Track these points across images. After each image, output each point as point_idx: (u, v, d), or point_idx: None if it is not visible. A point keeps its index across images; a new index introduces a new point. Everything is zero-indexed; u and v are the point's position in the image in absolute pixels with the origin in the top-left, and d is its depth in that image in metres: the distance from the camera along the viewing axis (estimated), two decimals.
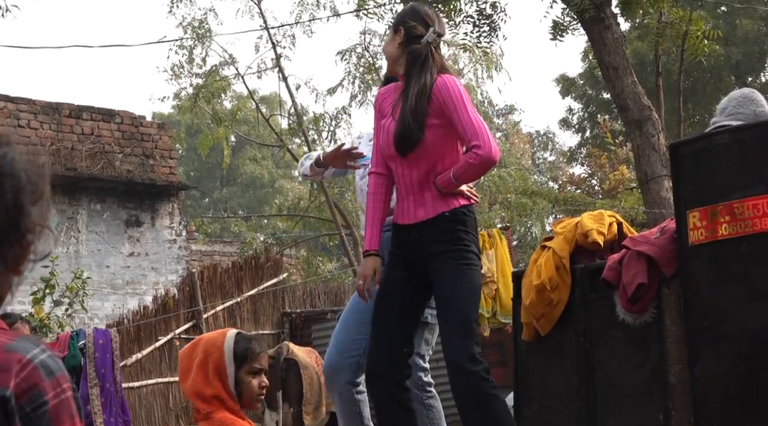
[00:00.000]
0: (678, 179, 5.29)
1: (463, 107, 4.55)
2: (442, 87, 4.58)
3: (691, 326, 5.06)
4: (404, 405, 4.75)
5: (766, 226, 4.77)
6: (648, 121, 10.79)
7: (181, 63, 22.26)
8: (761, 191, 4.79)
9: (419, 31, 4.72)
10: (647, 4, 11.76)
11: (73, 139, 16.14)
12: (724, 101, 5.52)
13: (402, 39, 4.74)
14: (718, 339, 4.90)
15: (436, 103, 4.58)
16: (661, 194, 10.40)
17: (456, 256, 4.58)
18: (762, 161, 4.87)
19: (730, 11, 27.56)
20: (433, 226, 4.63)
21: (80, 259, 15.68)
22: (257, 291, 13.79)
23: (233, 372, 3.90)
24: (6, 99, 15.75)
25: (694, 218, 5.03)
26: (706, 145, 5.21)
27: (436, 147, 4.60)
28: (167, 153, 17.30)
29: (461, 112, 4.53)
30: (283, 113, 23.43)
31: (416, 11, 4.82)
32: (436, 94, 4.58)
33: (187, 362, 3.97)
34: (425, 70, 4.65)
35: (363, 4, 17.98)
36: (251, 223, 32.60)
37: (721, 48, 20.70)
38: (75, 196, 16.13)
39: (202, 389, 3.88)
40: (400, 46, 4.74)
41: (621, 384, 5.02)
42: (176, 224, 17.20)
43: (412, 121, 4.58)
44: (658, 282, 5.23)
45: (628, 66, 11.06)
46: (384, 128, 4.73)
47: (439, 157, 4.61)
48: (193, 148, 32.08)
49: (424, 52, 4.69)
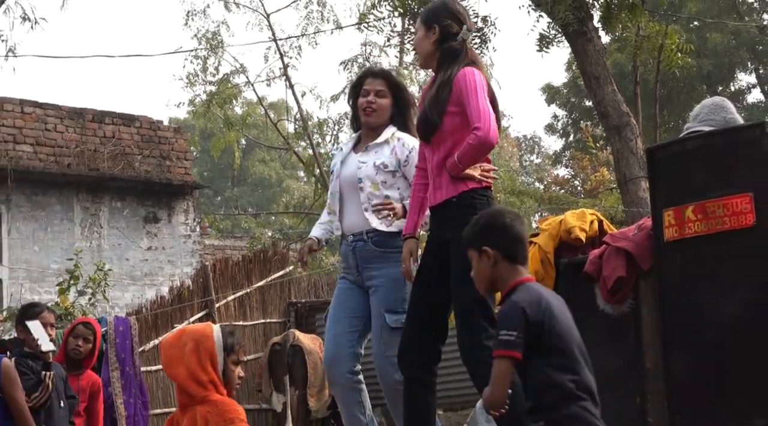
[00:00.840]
0: (654, 180, 5.29)
1: (474, 94, 4.46)
2: (461, 77, 4.51)
3: (665, 317, 5.05)
4: (428, 386, 4.68)
5: (735, 224, 4.77)
6: (627, 127, 10.78)
7: (195, 71, 22.29)
8: (731, 192, 4.79)
9: (454, 29, 4.65)
10: (626, 18, 11.74)
11: (96, 142, 16.12)
12: (697, 108, 5.52)
13: (437, 36, 4.65)
14: (691, 329, 4.89)
15: (455, 92, 4.51)
16: (638, 194, 10.39)
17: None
18: (732, 164, 4.86)
19: (701, 26, 27.53)
20: (444, 210, 4.55)
21: (102, 253, 15.66)
22: (265, 282, 13.76)
23: (222, 360, 3.91)
24: (35, 104, 15.73)
25: (669, 217, 5.02)
26: (680, 149, 5.21)
27: (454, 133, 4.52)
28: (183, 155, 17.28)
29: (471, 98, 4.46)
30: (290, 118, 23.45)
31: (449, 9, 4.71)
32: (456, 83, 4.52)
33: (176, 351, 3.92)
34: (456, 63, 4.58)
35: (364, 18, 17.97)
36: (260, 219, 32.61)
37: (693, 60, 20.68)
38: (98, 195, 16.12)
39: (198, 374, 3.86)
40: (434, 43, 4.66)
41: (601, 370, 5.00)
42: (191, 221, 17.18)
43: (431, 109, 4.55)
44: (636, 275, 5.23)
45: (608, 76, 11.05)
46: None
47: (456, 143, 4.52)
48: (206, 150, 32.01)
49: (459, 49, 4.64)
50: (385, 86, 5.15)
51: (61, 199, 15.72)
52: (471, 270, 3.76)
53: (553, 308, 3.51)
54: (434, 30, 4.66)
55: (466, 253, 3.71)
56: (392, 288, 4.94)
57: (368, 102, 5.13)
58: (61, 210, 15.72)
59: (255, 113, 27.10)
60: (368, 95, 5.13)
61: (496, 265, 3.60)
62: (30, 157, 15.40)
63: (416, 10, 12.40)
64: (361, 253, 5.03)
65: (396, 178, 5.05)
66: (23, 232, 15.27)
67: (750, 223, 4.71)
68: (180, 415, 3.93)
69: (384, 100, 5.14)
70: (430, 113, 4.56)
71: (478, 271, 3.67)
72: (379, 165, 5.05)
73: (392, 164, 5.05)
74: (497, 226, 3.65)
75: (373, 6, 15.80)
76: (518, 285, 3.57)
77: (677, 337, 4.97)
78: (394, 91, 5.17)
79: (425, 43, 4.69)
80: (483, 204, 4.46)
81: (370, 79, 5.15)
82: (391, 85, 5.17)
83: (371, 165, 5.06)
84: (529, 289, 3.57)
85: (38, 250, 15.34)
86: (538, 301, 3.50)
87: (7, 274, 14.93)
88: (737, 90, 30.73)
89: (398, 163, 5.05)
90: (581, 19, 10.76)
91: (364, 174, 5.07)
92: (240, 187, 41.78)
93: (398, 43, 17.22)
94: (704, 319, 4.85)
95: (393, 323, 4.89)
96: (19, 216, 15.25)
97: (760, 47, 29.88)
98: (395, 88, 5.18)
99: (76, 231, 15.80)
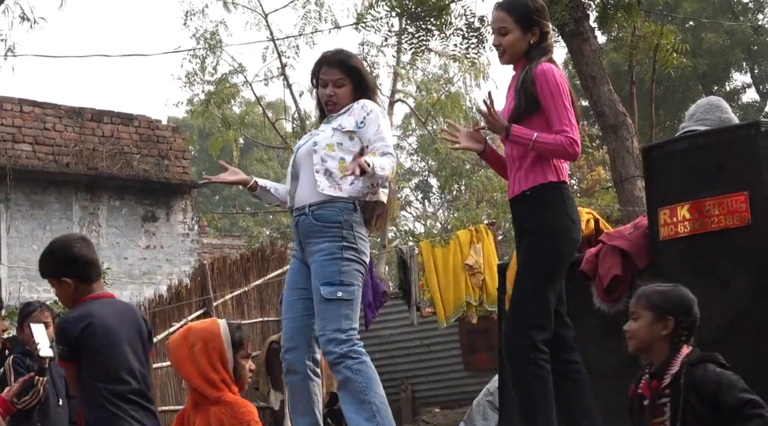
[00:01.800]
0: (650, 179, 5.29)
1: (559, 98, 4.46)
2: (540, 74, 4.48)
3: None
4: (562, 374, 4.55)
5: (730, 222, 4.78)
6: (623, 126, 10.78)
7: (194, 71, 22.26)
8: (726, 191, 4.80)
9: (548, 30, 4.63)
10: (622, 19, 11.75)
11: (95, 141, 16.11)
12: (692, 108, 5.52)
13: (537, 39, 4.59)
14: None
15: (539, 87, 4.47)
16: (634, 193, 10.39)
17: (531, 232, 4.49)
18: (727, 163, 4.87)
19: (697, 26, 27.54)
20: (519, 203, 4.56)
21: (101, 251, 15.62)
22: (263, 281, 13.76)
23: (232, 357, 3.87)
24: (34, 104, 15.73)
25: (665, 215, 5.03)
26: (675, 148, 5.21)
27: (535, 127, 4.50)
28: (181, 154, 17.27)
29: (557, 101, 4.46)
30: (288, 118, 23.45)
31: (545, 11, 4.67)
32: (538, 80, 4.47)
33: (184, 351, 3.87)
34: (540, 58, 4.56)
35: (361, 18, 17.97)
36: (258, 218, 32.60)
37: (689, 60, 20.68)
38: (96, 194, 16.11)
39: (209, 374, 3.81)
40: (531, 44, 4.59)
41: (598, 367, 5.02)
42: (189, 219, 17.18)
43: (518, 100, 4.53)
44: (632, 274, 5.24)
45: (604, 75, 11.06)
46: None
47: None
48: (204, 149, 32.00)
49: (548, 48, 4.62)
50: (342, 74, 4.95)
51: (59, 197, 15.72)
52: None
53: (95, 326, 4.12)
54: (534, 33, 4.59)
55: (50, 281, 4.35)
56: (328, 261, 4.70)
57: (328, 95, 4.96)
58: (60, 209, 15.72)
59: (253, 113, 27.10)
60: (327, 87, 4.95)
61: (75, 290, 4.24)
62: (29, 156, 15.39)
63: (413, 10, 12.41)
64: (303, 227, 4.81)
65: (353, 142, 4.81)
66: (22, 231, 15.26)
67: (745, 222, 4.72)
68: (192, 413, 3.88)
69: (343, 90, 4.95)
70: (517, 101, 4.51)
71: (60, 296, 4.33)
72: (336, 127, 4.85)
73: (350, 124, 4.84)
74: (69, 257, 4.26)
75: (370, 6, 15.81)
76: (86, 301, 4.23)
77: None
78: (351, 76, 4.96)
79: (522, 43, 4.59)
80: (556, 196, 4.44)
81: (325, 69, 4.98)
82: (348, 70, 4.97)
83: (329, 129, 4.88)
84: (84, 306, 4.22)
85: (37, 249, 15.30)
86: (81, 317, 4.14)
87: (6, 273, 14.92)
88: (732, 90, 30.75)
89: (356, 123, 4.84)
90: (577, 19, 10.77)
91: (320, 138, 4.88)
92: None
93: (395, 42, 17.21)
94: (700, 317, 4.86)
95: (328, 295, 4.66)
96: (17, 215, 15.24)
97: (754, 47, 29.90)
98: (352, 73, 4.97)
99: (75, 230, 15.77)
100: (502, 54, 4.66)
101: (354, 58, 5.10)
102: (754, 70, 30.73)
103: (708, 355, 3.81)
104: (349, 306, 4.69)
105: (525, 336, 4.37)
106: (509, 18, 4.60)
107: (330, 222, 4.74)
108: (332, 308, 4.65)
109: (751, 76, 30.96)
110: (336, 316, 4.65)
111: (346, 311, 4.68)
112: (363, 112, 4.87)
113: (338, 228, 4.71)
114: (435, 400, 14.44)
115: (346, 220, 4.73)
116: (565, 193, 4.51)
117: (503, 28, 4.61)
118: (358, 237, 4.75)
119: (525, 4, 4.62)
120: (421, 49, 13.17)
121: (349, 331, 4.67)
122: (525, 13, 4.59)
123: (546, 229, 4.44)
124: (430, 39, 12.76)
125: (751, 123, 4.94)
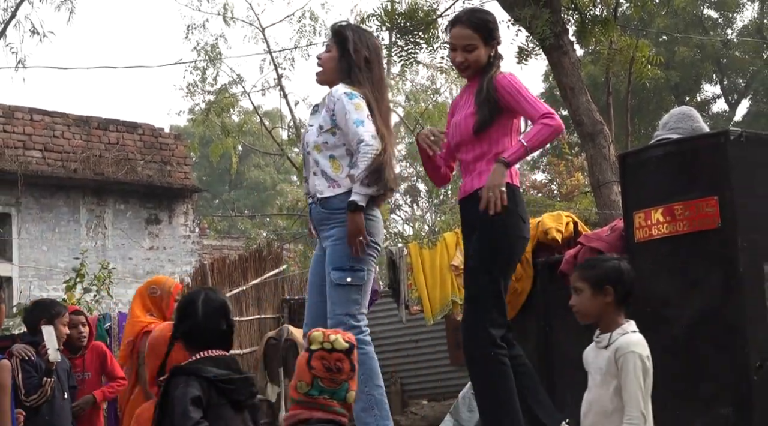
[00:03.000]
0: (626, 185, 5.30)
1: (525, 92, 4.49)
2: (502, 80, 4.49)
3: (635, 311, 5.06)
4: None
5: (701, 225, 4.78)
6: (600, 135, 10.79)
7: (195, 82, 22.28)
8: (697, 195, 4.81)
9: (500, 41, 4.62)
10: (599, 33, 11.75)
11: (101, 148, 16.09)
12: (666, 117, 5.53)
13: (493, 53, 4.57)
14: (659, 322, 4.91)
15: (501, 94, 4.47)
16: (611, 197, 10.39)
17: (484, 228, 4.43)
18: (698, 169, 4.88)
19: (670, 40, 27.60)
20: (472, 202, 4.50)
21: (107, 252, 15.62)
22: (260, 280, 13.73)
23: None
24: (43, 113, 15.71)
25: (640, 218, 5.04)
26: (650, 155, 5.22)
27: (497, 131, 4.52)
28: (182, 160, 17.25)
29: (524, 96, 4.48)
30: (284, 126, 23.44)
31: (496, 27, 4.64)
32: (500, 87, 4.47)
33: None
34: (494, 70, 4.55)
35: None
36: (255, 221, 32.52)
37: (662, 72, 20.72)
38: (102, 198, 16.09)
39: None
40: (490, 57, 4.57)
41: (576, 362, 5.02)
42: (190, 222, 17.16)
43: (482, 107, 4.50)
44: None
45: (582, 87, 11.06)
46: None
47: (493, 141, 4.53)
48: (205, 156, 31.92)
49: (502, 58, 4.62)
50: (332, 41, 4.82)
51: (68, 201, 15.69)
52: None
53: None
54: (494, 47, 4.56)
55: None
56: (337, 247, 4.61)
57: (317, 58, 4.87)
58: (68, 212, 15.69)
59: (251, 121, 27.07)
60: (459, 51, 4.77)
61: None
62: (39, 162, 15.36)
63: (402, 24, 12.40)
64: (315, 216, 4.76)
65: (336, 136, 4.70)
66: (32, 233, 15.22)
67: (715, 225, 4.73)
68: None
69: (327, 54, 4.81)
70: (481, 111, 4.46)
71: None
72: (318, 127, 4.75)
73: (326, 122, 4.72)
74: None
75: (362, 20, 15.83)
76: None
77: (646, 329, 4.98)
78: (338, 43, 4.78)
79: (485, 58, 4.56)
80: (509, 196, 4.33)
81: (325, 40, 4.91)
82: (338, 38, 4.80)
83: (316, 127, 4.77)
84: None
85: (46, 250, 15.30)
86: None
87: (17, 273, 14.88)
88: (703, 100, 30.80)
89: (330, 120, 4.70)
90: (557, 33, 10.77)
91: (309, 138, 4.81)
92: (237, 191, 41.68)
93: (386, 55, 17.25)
94: (673, 314, 4.87)
95: (337, 280, 4.58)
96: (28, 218, 15.21)
97: (724, 60, 29.97)
98: (340, 41, 4.79)
99: (82, 232, 15.76)
100: (465, 69, 4.60)
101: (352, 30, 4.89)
102: (723, 82, 30.80)
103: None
104: (357, 291, 4.60)
105: (483, 332, 4.31)
106: (476, 35, 4.54)
107: (337, 208, 4.64)
108: (341, 293, 4.58)
109: (721, 87, 31.04)
110: (344, 301, 4.57)
111: (355, 296, 4.59)
112: (331, 104, 4.71)
113: (343, 214, 4.60)
114: (423, 392, 14.42)
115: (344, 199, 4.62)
116: (518, 194, 4.48)
117: (470, 46, 4.54)
118: (367, 218, 4.61)
119: (488, 20, 4.60)
120: (410, 61, 13.14)
121: (357, 316, 4.60)
122: (490, 30, 4.57)
123: (499, 226, 4.35)
124: (418, 52, 12.73)
125: (721, 132, 4.95)
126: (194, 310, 3.66)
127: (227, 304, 3.78)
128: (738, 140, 4.79)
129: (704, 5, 29.26)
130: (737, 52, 29.75)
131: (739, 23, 30.36)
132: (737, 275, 4.67)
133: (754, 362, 4.58)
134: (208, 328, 3.63)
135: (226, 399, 3.50)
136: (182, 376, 3.50)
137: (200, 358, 3.61)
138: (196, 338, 3.63)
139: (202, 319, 3.63)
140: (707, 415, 4.67)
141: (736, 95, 30.90)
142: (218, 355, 3.60)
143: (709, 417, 4.66)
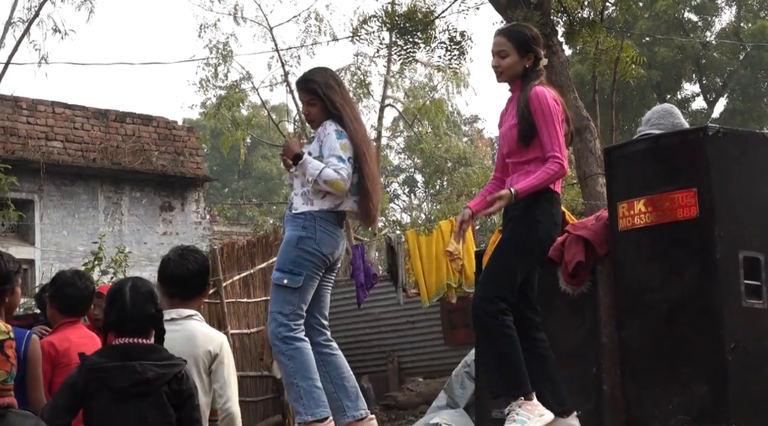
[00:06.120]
0: (610, 177, 5.29)
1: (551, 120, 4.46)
2: (534, 98, 4.45)
3: (619, 296, 5.06)
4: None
5: (680, 215, 4.78)
6: (586, 130, 10.77)
7: (207, 78, 22.18)
8: (677, 187, 4.81)
9: (542, 56, 4.59)
10: (586, 34, 11.72)
11: (118, 139, 16.08)
12: (648, 114, 5.52)
13: (530, 64, 4.55)
14: (642, 307, 4.91)
15: (533, 109, 4.44)
16: (596, 189, 10.38)
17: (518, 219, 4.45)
18: (678, 163, 4.87)
19: (652, 41, 27.55)
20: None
21: (123, 237, 15.62)
22: (267, 264, 13.72)
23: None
24: (65, 106, 15.71)
25: (623, 208, 5.03)
26: (633, 149, 5.21)
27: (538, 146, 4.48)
28: (195, 151, 17.24)
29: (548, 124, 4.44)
30: (290, 120, 23.38)
31: (539, 38, 4.63)
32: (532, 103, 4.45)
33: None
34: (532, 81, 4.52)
35: (356, 32, 17.95)
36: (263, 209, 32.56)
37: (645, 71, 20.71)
38: (119, 186, 16.08)
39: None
40: (526, 68, 4.55)
41: (562, 344, 5.02)
42: (201, 210, 17.15)
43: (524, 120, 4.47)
44: (594, 260, 5.24)
45: (570, 85, 11.04)
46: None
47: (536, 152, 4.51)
48: (216, 147, 31.92)
49: (543, 72, 4.59)
50: (312, 95, 4.78)
51: (87, 189, 15.69)
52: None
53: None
54: (529, 58, 4.54)
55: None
56: (285, 248, 4.60)
57: (304, 114, 4.93)
58: (87, 199, 15.68)
59: (259, 115, 27.05)
60: (303, 106, 4.88)
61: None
62: (60, 152, 15.35)
63: (402, 25, 12.38)
64: (285, 219, 4.79)
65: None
66: (53, 218, 15.23)
67: (693, 215, 4.73)
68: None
69: (315, 108, 4.80)
70: (521, 124, 4.44)
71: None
72: (308, 153, 4.72)
73: (315, 150, 4.71)
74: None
75: (364, 21, 15.80)
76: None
77: (629, 314, 4.99)
78: (319, 98, 4.76)
79: (519, 66, 4.54)
80: (547, 199, 4.39)
81: (299, 91, 4.89)
82: (315, 93, 4.77)
83: (305, 153, 4.73)
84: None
85: (67, 235, 15.30)
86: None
87: (40, 256, 14.89)
88: (683, 98, 30.77)
89: (319, 149, 4.71)
90: (547, 34, 10.74)
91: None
92: (245, 180, 41.68)
93: (386, 54, 17.21)
94: (653, 299, 4.87)
95: (275, 280, 4.57)
96: (50, 204, 15.21)
97: (703, 61, 29.93)
98: (319, 95, 4.75)
99: (100, 218, 15.76)
100: (499, 74, 4.62)
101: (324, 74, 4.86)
102: (702, 81, 30.77)
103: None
104: (293, 293, 4.54)
105: (491, 302, 4.31)
106: (509, 43, 4.56)
107: (297, 212, 4.64)
108: (277, 292, 4.57)
109: (700, 86, 31.00)
110: (279, 300, 4.55)
111: (289, 298, 4.53)
112: (322, 135, 4.74)
113: (302, 219, 4.60)
114: (419, 370, 14.44)
115: (310, 211, 4.62)
116: (556, 199, 4.47)
117: (503, 52, 4.57)
118: (320, 229, 4.59)
119: (523, 32, 4.62)
120: (409, 59, 13.13)
121: (289, 316, 4.52)
122: (523, 40, 4.57)
123: (532, 220, 4.37)
124: (416, 51, 12.72)
125: (700, 127, 4.94)
126: (121, 297, 3.53)
127: (155, 291, 3.66)
128: (716, 136, 4.79)
129: (685, 9, 29.20)
130: (715, 53, 29.71)
131: (717, 26, 30.35)
132: (714, 263, 4.66)
133: (728, 344, 4.58)
134: (137, 316, 3.50)
135: (103, 385, 3.38)
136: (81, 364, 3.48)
137: (105, 347, 3.60)
138: (123, 326, 3.49)
139: (129, 306, 3.50)
140: (685, 394, 4.67)
141: (714, 94, 30.85)
142: (123, 343, 3.47)
143: (687, 395, 4.66)
